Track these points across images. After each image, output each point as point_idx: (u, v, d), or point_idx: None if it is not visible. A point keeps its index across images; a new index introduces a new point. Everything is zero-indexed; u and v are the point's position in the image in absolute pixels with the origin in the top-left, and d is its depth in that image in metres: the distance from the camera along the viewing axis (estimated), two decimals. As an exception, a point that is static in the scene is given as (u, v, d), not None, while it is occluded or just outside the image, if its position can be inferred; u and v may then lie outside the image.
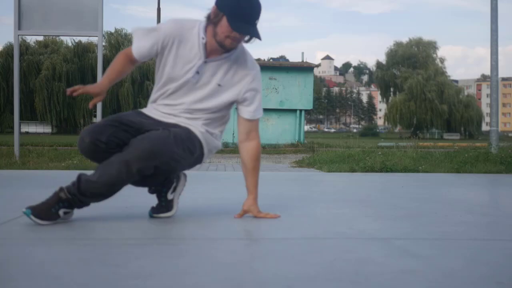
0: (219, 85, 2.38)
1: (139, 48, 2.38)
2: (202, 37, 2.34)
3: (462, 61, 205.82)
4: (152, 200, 3.14)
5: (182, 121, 2.39)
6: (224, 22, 2.25)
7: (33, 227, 2.19)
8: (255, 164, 2.46)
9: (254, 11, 2.26)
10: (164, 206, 2.51)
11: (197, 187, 3.92)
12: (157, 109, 2.44)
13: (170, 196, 2.52)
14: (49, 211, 2.23)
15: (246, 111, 2.45)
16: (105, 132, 2.23)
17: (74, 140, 17.26)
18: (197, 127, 2.39)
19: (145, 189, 2.57)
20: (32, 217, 2.20)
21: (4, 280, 1.42)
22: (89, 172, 2.29)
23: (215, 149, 2.51)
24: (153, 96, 2.48)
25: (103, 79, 2.37)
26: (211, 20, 2.30)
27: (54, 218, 2.24)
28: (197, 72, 2.35)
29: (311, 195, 3.01)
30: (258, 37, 2.29)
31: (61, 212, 2.26)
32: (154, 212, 2.51)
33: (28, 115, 43.25)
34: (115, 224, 2.28)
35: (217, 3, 2.29)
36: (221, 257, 1.73)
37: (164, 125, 2.34)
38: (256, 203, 2.48)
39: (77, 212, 2.58)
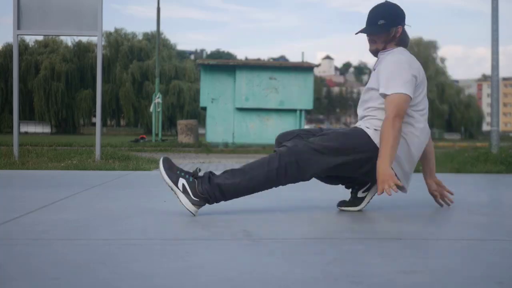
0: (374, 69, 2.68)
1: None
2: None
3: (463, 61, 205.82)
4: (151, 202, 3.14)
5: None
6: None
7: (33, 227, 2.19)
8: (382, 136, 2.41)
9: (370, 14, 2.65)
10: (351, 201, 2.75)
11: (197, 187, 3.92)
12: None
13: (360, 194, 2.75)
14: (173, 169, 2.42)
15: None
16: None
17: (73, 140, 17.27)
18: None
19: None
20: (160, 161, 2.42)
21: (4, 280, 1.42)
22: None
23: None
24: None
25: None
26: None
27: (172, 177, 2.40)
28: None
29: (311, 195, 3.01)
30: (363, 31, 2.64)
31: (180, 182, 2.40)
32: (340, 205, 2.76)
33: (27, 115, 43.25)
34: (115, 224, 2.28)
35: None
36: (221, 257, 1.73)
37: None
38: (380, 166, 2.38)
39: (76, 212, 2.58)
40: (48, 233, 2.06)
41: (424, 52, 54.94)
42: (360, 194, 2.75)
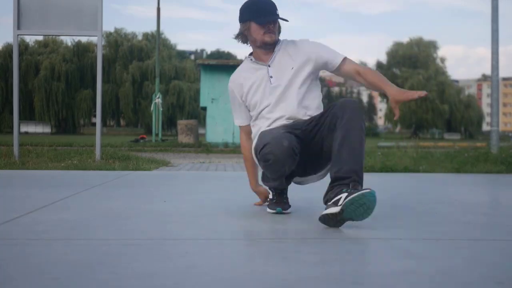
0: (292, 68, 2.55)
1: (242, 119, 2.73)
2: (251, 58, 2.62)
3: (463, 61, 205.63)
4: (151, 202, 3.13)
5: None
6: (253, 26, 2.53)
7: (33, 227, 2.19)
8: (375, 75, 2.49)
9: (269, 4, 2.54)
10: (287, 203, 2.69)
11: (197, 187, 3.92)
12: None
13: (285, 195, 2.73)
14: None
15: (333, 61, 2.55)
16: (296, 141, 2.39)
17: (73, 140, 17.27)
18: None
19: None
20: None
21: (4, 280, 1.42)
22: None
23: None
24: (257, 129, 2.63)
25: (251, 181, 2.85)
26: (244, 35, 2.59)
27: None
28: (271, 77, 2.56)
29: (311, 195, 3.01)
30: (284, 19, 2.54)
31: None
32: (285, 209, 2.64)
33: (27, 115, 43.23)
34: (114, 224, 2.28)
35: (240, 20, 2.59)
36: (221, 257, 1.72)
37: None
38: (398, 89, 2.37)
39: (76, 212, 2.58)
40: (48, 233, 2.06)
41: (424, 52, 54.91)
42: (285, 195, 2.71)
